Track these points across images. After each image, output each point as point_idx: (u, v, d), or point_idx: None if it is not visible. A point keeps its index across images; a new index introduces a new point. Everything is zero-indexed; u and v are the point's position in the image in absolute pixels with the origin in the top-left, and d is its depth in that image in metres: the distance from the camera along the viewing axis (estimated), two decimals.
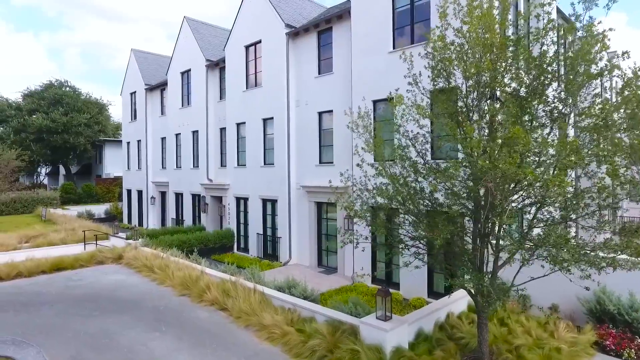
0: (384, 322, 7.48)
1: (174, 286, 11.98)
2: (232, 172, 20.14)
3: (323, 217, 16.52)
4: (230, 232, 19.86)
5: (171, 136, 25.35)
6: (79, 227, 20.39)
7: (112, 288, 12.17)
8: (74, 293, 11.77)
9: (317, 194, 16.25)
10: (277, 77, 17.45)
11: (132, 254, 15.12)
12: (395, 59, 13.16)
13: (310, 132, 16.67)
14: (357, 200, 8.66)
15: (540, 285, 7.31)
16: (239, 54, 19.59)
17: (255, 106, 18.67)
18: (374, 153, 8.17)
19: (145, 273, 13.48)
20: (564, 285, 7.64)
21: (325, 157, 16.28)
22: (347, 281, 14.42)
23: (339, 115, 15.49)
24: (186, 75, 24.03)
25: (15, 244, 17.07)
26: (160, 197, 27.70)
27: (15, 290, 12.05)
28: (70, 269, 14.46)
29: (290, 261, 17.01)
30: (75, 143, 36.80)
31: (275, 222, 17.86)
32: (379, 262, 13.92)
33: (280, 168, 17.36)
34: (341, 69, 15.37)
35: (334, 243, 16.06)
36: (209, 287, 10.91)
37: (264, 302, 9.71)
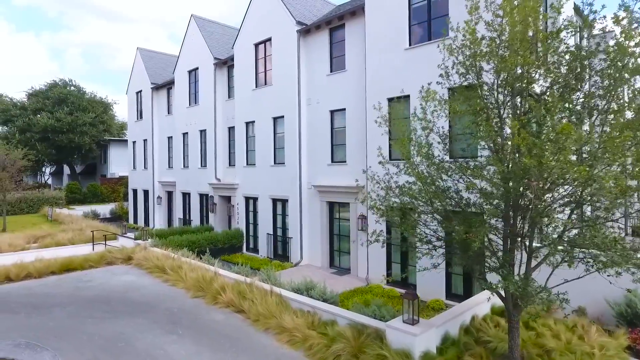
0: (411, 326, 7.22)
1: (187, 288, 11.73)
2: (241, 172, 19.90)
3: (335, 217, 16.25)
4: (239, 232, 19.61)
5: (178, 135, 25.12)
6: (86, 227, 20.18)
7: (124, 289, 11.93)
8: (85, 294, 11.53)
9: (329, 193, 15.99)
10: (288, 75, 17.20)
11: (142, 254, 14.89)
12: (412, 56, 12.93)
13: (321, 131, 16.41)
14: (379, 200, 8.33)
15: (566, 287, 7.04)
16: (248, 52, 19.34)
17: (265, 105, 18.42)
18: (400, 151, 7.81)
19: (156, 274, 13.24)
20: (591, 286, 7.37)
21: (338, 156, 16.01)
22: (361, 282, 14.16)
23: (351, 114, 15.23)
24: (194, 74, 23.80)
25: (23, 244, 16.86)
26: (167, 196, 27.49)
27: (25, 292, 11.83)
28: (79, 269, 14.23)
29: (301, 262, 16.75)
30: (81, 142, 36.61)
31: (286, 222, 17.61)
32: (394, 264, 13.65)
33: (291, 167, 17.11)
34: (354, 66, 15.11)
35: (346, 243, 15.80)
36: (224, 288, 10.66)
37: (281, 305, 9.46)
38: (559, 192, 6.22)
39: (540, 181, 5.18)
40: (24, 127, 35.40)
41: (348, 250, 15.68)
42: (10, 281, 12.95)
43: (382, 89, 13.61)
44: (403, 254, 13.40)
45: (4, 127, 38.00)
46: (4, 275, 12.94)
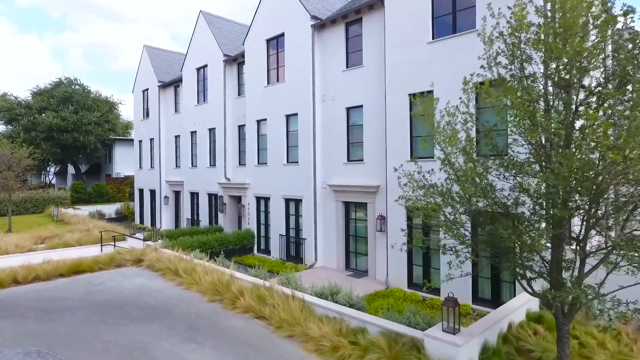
0: (452, 335, 6.70)
1: (202, 291, 11.24)
2: (252, 171, 19.41)
3: (351, 218, 15.74)
4: (250, 233, 19.12)
5: (186, 134, 24.65)
6: (93, 228, 19.72)
7: (136, 293, 11.45)
8: (96, 298, 11.05)
9: (345, 193, 15.48)
10: (302, 72, 16.70)
11: (152, 256, 14.41)
12: (436, 49, 12.41)
13: (337, 128, 15.90)
14: (417, 200, 7.81)
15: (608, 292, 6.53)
16: (259, 48, 18.86)
17: (277, 102, 17.93)
18: (443, 147, 7.28)
19: (169, 276, 12.76)
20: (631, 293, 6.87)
21: (354, 155, 15.50)
22: (380, 285, 13.65)
23: (369, 111, 14.73)
24: (202, 71, 23.33)
25: (30, 245, 16.41)
26: (174, 196, 27.03)
27: (34, 295, 11.36)
28: (89, 272, 13.76)
29: (316, 264, 16.25)
30: (86, 142, 36.18)
31: (300, 223, 17.11)
32: (416, 266, 13.13)
33: (305, 166, 16.61)
34: (372, 61, 14.60)
35: (362, 245, 15.29)
36: (242, 293, 10.16)
37: (305, 310, 8.95)
38: (621, 191, 5.71)
39: (618, 179, 4.66)
40: (28, 126, 34.99)
41: (365, 251, 15.17)
42: (18, 284, 12.48)
43: (403, 85, 13.10)
44: (425, 256, 12.88)
45: (8, 126, 37.61)
46: (11, 277, 12.48)
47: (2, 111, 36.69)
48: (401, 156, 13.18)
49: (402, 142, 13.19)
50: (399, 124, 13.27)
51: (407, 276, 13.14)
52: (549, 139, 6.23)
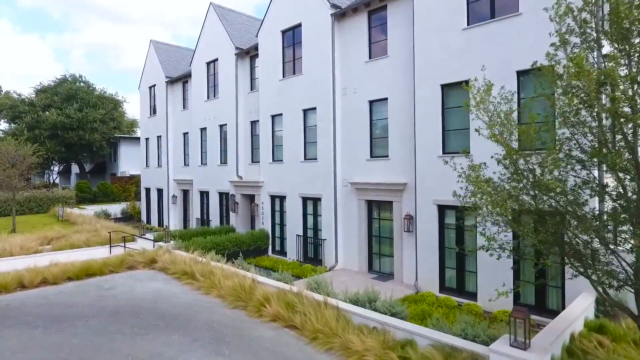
0: (523, 351, 5.85)
1: (222, 297, 10.42)
2: (267, 169, 18.57)
3: (374, 217, 14.89)
4: (264, 234, 18.29)
5: (195, 131, 23.83)
6: (101, 228, 18.93)
7: (152, 298, 10.62)
8: (108, 305, 10.23)
9: (368, 191, 14.63)
10: (321, 64, 15.85)
11: (166, 257, 13.60)
12: (472, 36, 11.53)
13: (359, 123, 15.04)
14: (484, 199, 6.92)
15: None
16: (274, 39, 18.01)
17: (294, 96, 17.08)
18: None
19: (185, 280, 11.94)
20: None
21: (378, 150, 14.64)
22: (408, 289, 12.80)
23: (395, 104, 13.87)
24: (213, 66, 22.50)
25: (36, 246, 15.61)
26: (182, 195, 26.23)
27: (42, 301, 10.55)
28: (99, 275, 12.96)
29: (336, 266, 15.40)
30: (91, 140, 35.40)
31: (318, 223, 16.26)
32: (448, 269, 12.26)
33: (325, 163, 15.76)
34: (398, 51, 13.74)
35: (387, 246, 14.44)
36: (268, 299, 9.33)
37: (341, 320, 8.11)
38: None
39: None
40: (32, 123, 34.24)
41: (389, 253, 14.31)
42: (24, 288, 11.69)
43: (435, 75, 12.24)
44: (459, 258, 12.02)
45: (12, 124, 36.86)
46: (16, 281, 11.68)
47: (5, 109, 35.95)
48: (432, 151, 12.34)
49: (433, 136, 12.33)
50: (429, 117, 12.41)
51: (438, 280, 12.28)
52: None
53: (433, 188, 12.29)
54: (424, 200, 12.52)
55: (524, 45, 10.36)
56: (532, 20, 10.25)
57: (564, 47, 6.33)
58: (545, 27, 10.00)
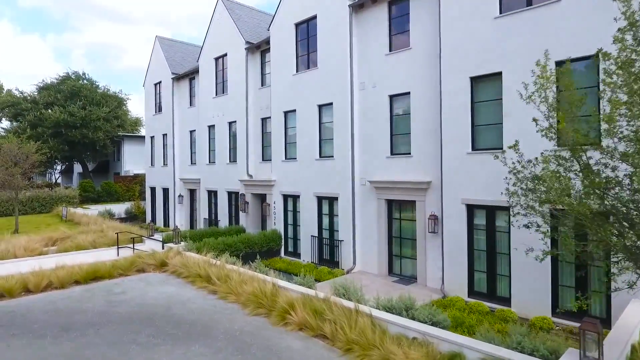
0: None
1: (241, 302, 9.76)
2: (279, 167, 17.90)
3: (394, 218, 14.21)
4: (277, 234, 17.62)
5: (203, 128, 23.16)
6: (107, 228, 18.28)
7: (166, 304, 9.96)
8: (120, 311, 9.57)
9: (389, 190, 13.95)
10: (338, 57, 15.18)
11: (177, 260, 12.95)
12: (505, 25, 10.84)
13: (378, 118, 14.37)
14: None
15: None
16: (287, 33, 17.34)
17: (308, 91, 16.42)
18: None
19: (199, 284, 11.28)
20: None
21: (399, 147, 13.97)
22: (434, 293, 12.12)
23: (418, 98, 13.20)
24: (221, 61, 21.84)
25: (40, 248, 14.96)
26: (189, 195, 25.56)
27: (48, 307, 9.88)
28: (107, 278, 12.30)
29: (354, 268, 14.73)
30: (94, 138, 34.74)
31: (335, 223, 15.60)
32: (478, 272, 11.58)
33: (342, 161, 15.09)
34: (422, 43, 13.07)
35: (408, 248, 13.76)
36: (293, 305, 8.66)
37: (376, 329, 7.44)
38: None
39: None
40: (35, 121, 33.57)
41: (411, 255, 13.64)
42: (29, 292, 11.04)
43: (464, 67, 11.56)
44: (490, 261, 11.34)
45: (14, 122, 36.21)
46: (21, 285, 11.03)
47: (7, 106, 35.31)
48: (460, 148, 11.66)
49: (461, 131, 11.65)
50: (457, 111, 11.73)
51: (467, 283, 11.61)
52: None
53: (461, 186, 11.62)
54: (451, 199, 11.85)
55: (564, 34, 9.68)
56: (574, 7, 9.59)
57: (634, 29, 5.66)
58: (590, 14, 9.39)
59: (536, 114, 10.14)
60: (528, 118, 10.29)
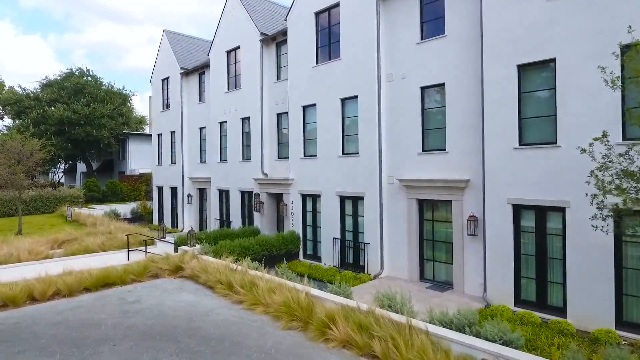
0: None
1: (271, 314, 8.77)
2: (297, 165, 16.90)
3: (426, 219, 13.20)
4: (296, 236, 16.62)
5: (214, 125, 22.16)
6: (115, 230, 17.31)
7: (186, 315, 8.97)
8: (136, 323, 8.59)
9: (421, 189, 12.95)
10: (363, 47, 14.18)
11: (194, 264, 11.96)
12: (559, 6, 9.82)
13: (408, 112, 13.37)
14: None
15: None
16: (306, 22, 16.35)
17: (330, 84, 15.41)
18: None
19: (220, 292, 10.30)
20: None
21: (432, 143, 12.96)
22: (475, 302, 11.12)
23: (454, 89, 12.20)
24: (234, 54, 20.85)
25: (45, 251, 13.99)
26: (198, 194, 24.59)
27: (57, 318, 8.90)
28: (119, 284, 11.32)
29: (381, 273, 13.74)
30: (99, 136, 33.80)
31: (360, 224, 14.60)
32: (525, 279, 10.56)
33: (368, 158, 14.09)
34: (458, 29, 12.07)
35: (442, 251, 12.76)
36: (333, 318, 7.66)
37: (436, 348, 6.44)
38: None
39: None
40: (38, 119, 32.64)
41: (446, 259, 12.64)
42: (35, 301, 10.06)
43: (510, 54, 10.54)
44: (539, 266, 10.32)
45: (16, 119, 35.27)
46: (26, 293, 10.05)
47: (9, 103, 34.39)
48: (505, 143, 10.66)
49: (507, 125, 10.63)
50: (502, 103, 10.72)
51: (513, 291, 10.59)
52: None
53: (507, 185, 10.61)
54: (495, 199, 10.84)
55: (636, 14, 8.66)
56: None
57: None
58: None
59: (597, 105, 9.18)
60: (587, 109, 9.32)
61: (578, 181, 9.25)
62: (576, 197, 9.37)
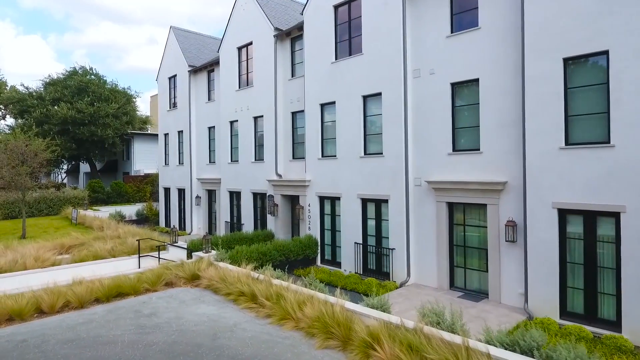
0: None
1: (304, 331, 7.99)
2: (315, 166, 16.13)
3: (457, 223, 12.43)
4: (313, 241, 15.86)
5: (224, 124, 21.39)
6: (124, 234, 16.52)
7: (210, 331, 8.20)
8: (156, 340, 7.81)
9: (451, 191, 12.18)
10: (387, 41, 13.41)
11: (211, 272, 11.20)
12: None
13: (437, 110, 12.60)
14: None
15: None
16: (325, 16, 15.58)
17: (351, 80, 14.65)
18: None
19: (242, 304, 9.53)
20: None
21: (464, 142, 12.19)
22: (514, 313, 10.36)
23: (489, 85, 11.42)
24: (245, 51, 20.09)
25: (52, 257, 13.21)
26: (207, 196, 23.82)
27: (68, 334, 8.13)
28: (133, 294, 10.56)
29: (408, 281, 12.97)
30: (103, 136, 33.04)
31: (384, 229, 13.83)
32: (572, 289, 9.78)
33: (392, 158, 13.33)
34: (494, 21, 11.30)
35: (475, 258, 11.99)
36: (378, 338, 6.88)
37: None
38: None
39: None
40: (41, 118, 31.89)
41: (479, 266, 11.87)
42: (43, 314, 9.30)
43: (555, 46, 9.76)
44: (588, 275, 9.53)
45: (19, 119, 34.52)
46: (33, 305, 9.29)
47: (12, 102, 33.64)
48: (550, 142, 9.89)
49: (551, 123, 9.86)
50: (546, 100, 9.94)
51: (559, 302, 9.81)
52: None
53: (552, 188, 9.84)
54: (538, 202, 10.06)
55: None
56: None
57: None
58: None
59: None
60: None
61: (636, 184, 8.48)
62: (634, 202, 8.60)
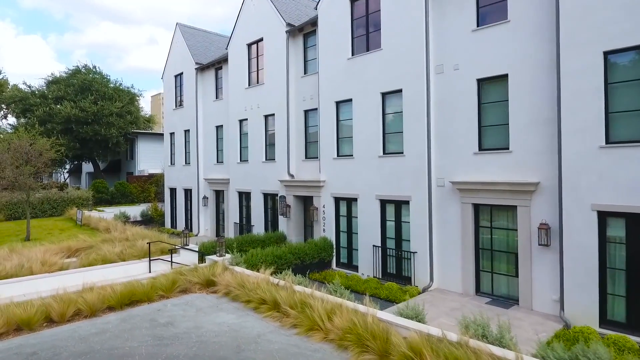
0: None
1: (334, 342, 7.45)
2: (329, 165, 15.59)
3: (483, 225, 11.88)
4: (329, 243, 15.31)
5: (232, 123, 20.86)
6: (133, 236, 15.98)
7: (232, 342, 7.65)
8: (175, 353, 7.26)
9: (478, 192, 11.63)
10: (408, 35, 12.87)
11: (228, 278, 10.65)
12: None
13: (462, 107, 12.06)
14: None
15: None
16: (340, 10, 15.04)
17: (368, 77, 14.10)
18: None
19: (265, 312, 8.99)
20: None
21: (491, 140, 11.64)
22: (548, 321, 9.82)
23: (519, 81, 10.87)
24: (255, 47, 19.54)
25: (59, 261, 12.65)
26: (215, 197, 23.28)
27: (80, 347, 7.59)
28: (146, 301, 10.01)
29: (431, 285, 12.42)
30: (107, 135, 32.50)
31: (404, 231, 13.28)
32: (613, 296, 9.23)
33: (414, 158, 12.78)
34: (525, 13, 10.75)
35: (503, 262, 11.44)
36: (420, 353, 6.33)
37: None
38: None
39: None
40: (44, 117, 31.36)
41: (508, 271, 11.32)
42: (53, 324, 8.75)
43: (594, 39, 9.21)
44: (630, 281, 8.99)
45: (22, 118, 33.98)
46: (43, 314, 8.74)
47: (14, 101, 33.10)
48: (589, 140, 9.33)
49: (590, 120, 9.31)
50: (584, 96, 9.39)
51: (598, 310, 9.26)
52: None
53: (591, 189, 9.28)
54: (575, 204, 9.51)
55: None
56: None
57: None
58: None
59: None
60: None
61: None
62: None
